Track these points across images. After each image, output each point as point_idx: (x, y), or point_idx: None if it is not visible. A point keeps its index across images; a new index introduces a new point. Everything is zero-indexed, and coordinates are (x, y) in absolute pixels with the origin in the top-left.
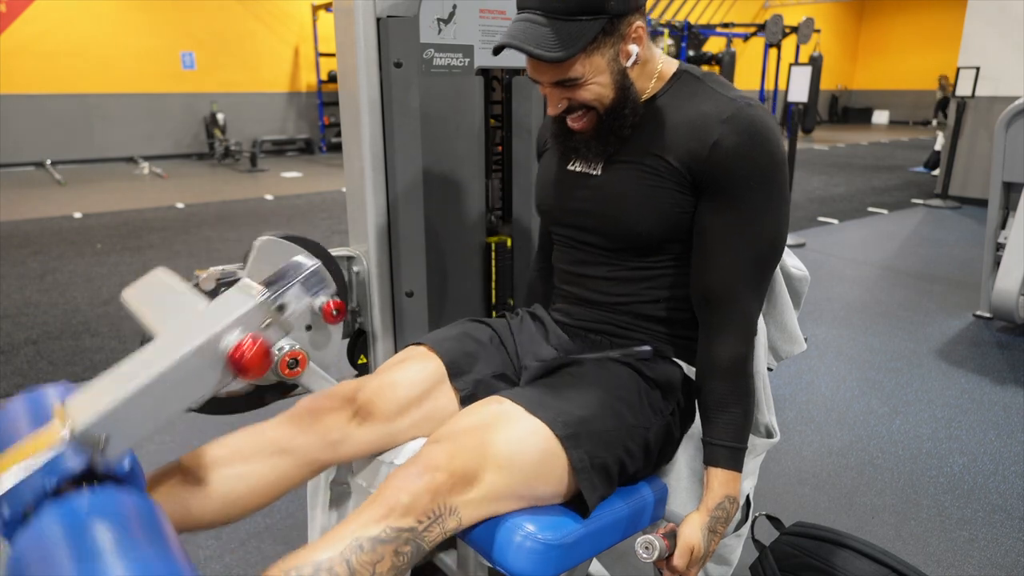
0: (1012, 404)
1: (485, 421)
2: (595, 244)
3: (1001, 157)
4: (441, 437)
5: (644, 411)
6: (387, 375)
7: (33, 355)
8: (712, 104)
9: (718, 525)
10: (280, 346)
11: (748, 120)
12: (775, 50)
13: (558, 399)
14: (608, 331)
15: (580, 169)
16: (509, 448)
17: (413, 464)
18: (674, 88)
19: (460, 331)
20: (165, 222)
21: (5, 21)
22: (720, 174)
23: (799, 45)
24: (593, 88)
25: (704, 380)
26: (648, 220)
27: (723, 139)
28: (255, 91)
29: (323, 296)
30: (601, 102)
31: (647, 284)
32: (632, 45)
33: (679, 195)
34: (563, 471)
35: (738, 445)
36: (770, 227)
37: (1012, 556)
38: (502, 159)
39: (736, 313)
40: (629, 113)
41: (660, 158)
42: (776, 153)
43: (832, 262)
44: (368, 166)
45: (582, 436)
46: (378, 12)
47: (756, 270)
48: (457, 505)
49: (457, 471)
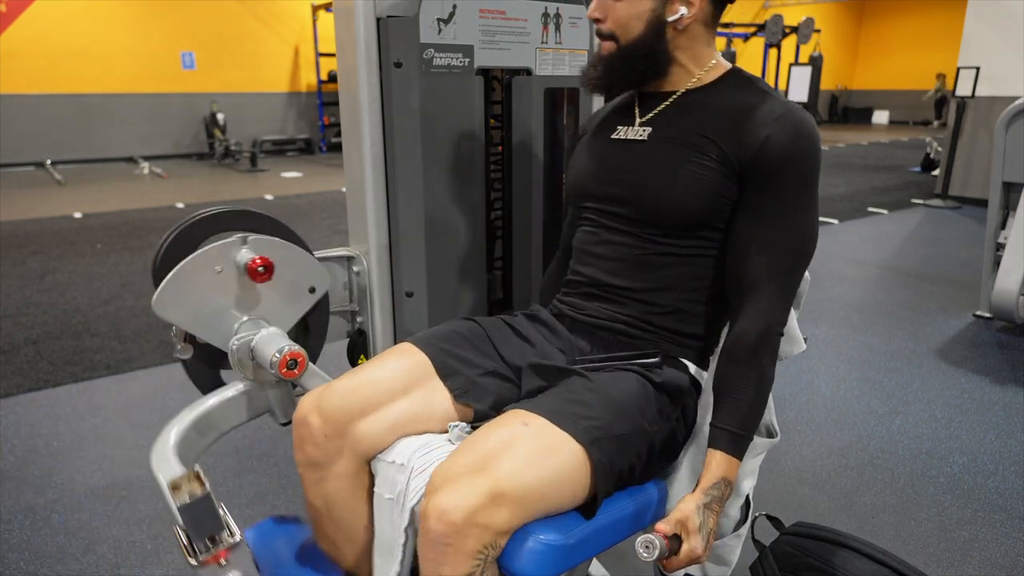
0: (1012, 404)
1: (503, 441)
2: (624, 217)
3: (1001, 157)
4: (452, 474)
5: (653, 416)
6: (358, 374)
7: (33, 355)
8: (765, 102)
9: (714, 503)
10: (279, 346)
11: (799, 121)
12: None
13: (577, 406)
14: (617, 329)
15: (625, 136)
16: (532, 467)
17: (432, 531)
18: (726, 83)
19: (447, 329)
20: (165, 222)
21: (5, 21)
22: (768, 168)
23: (799, 45)
24: (627, 8)
25: (722, 363)
26: (683, 195)
27: (774, 135)
28: (255, 91)
29: (248, 252)
30: (626, 32)
31: (667, 272)
32: (682, 6)
33: (722, 179)
34: (586, 478)
35: (741, 432)
36: (808, 225)
37: (1012, 556)
38: (502, 159)
39: (765, 304)
40: (643, 58)
41: (711, 141)
42: (817, 157)
43: (832, 262)
44: (368, 166)
45: (603, 441)
46: (378, 12)
47: (791, 265)
48: (496, 541)
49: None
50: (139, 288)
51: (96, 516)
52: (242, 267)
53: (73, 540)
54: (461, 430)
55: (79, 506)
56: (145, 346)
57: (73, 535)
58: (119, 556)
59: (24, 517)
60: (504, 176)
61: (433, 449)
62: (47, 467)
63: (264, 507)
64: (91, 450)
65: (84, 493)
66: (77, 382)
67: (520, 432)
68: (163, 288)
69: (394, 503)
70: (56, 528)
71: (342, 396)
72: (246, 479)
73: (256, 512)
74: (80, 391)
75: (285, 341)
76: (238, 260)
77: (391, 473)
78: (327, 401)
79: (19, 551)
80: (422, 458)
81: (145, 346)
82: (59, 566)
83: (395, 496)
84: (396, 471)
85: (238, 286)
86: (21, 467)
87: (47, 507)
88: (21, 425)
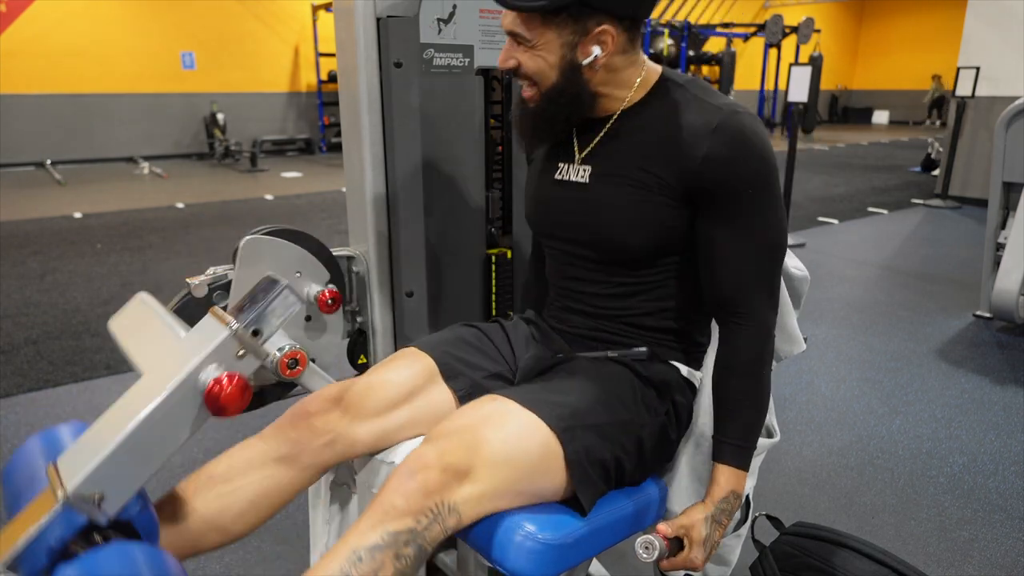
0: (1012, 404)
1: (479, 418)
2: (587, 257)
3: (1001, 157)
4: (434, 436)
5: (638, 408)
6: (375, 374)
7: (33, 355)
8: (698, 114)
9: (722, 516)
10: (280, 346)
11: (736, 128)
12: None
13: (553, 393)
14: (604, 338)
15: (567, 178)
16: (504, 444)
17: (405, 466)
18: (657, 97)
19: (452, 335)
20: (165, 222)
21: (5, 21)
22: (715, 186)
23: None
24: (538, 60)
25: (720, 379)
26: (639, 235)
27: (713, 151)
28: (255, 91)
29: (317, 286)
30: (542, 80)
31: (642, 297)
32: (594, 46)
33: (670, 209)
34: (560, 465)
35: (747, 444)
36: (773, 228)
37: (1012, 556)
38: (502, 159)
39: (751, 316)
40: (565, 106)
41: (649, 172)
42: (767, 156)
43: (832, 262)
44: (368, 166)
45: (577, 429)
46: (378, 12)
47: (766, 271)
48: (455, 502)
49: (449, 468)
50: (139, 288)
51: None
52: (313, 302)
53: None
54: None
55: None
56: None
57: None
58: None
59: None
60: (504, 176)
61: None
62: None
63: None
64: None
65: None
66: (77, 382)
67: (493, 411)
68: None
69: None
70: None
71: (366, 388)
72: None
73: None
74: (80, 391)
75: (285, 341)
76: (311, 291)
77: (386, 472)
78: (351, 393)
79: None
80: None
81: None
82: None
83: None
84: (386, 468)
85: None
86: None
87: None
88: (21, 425)
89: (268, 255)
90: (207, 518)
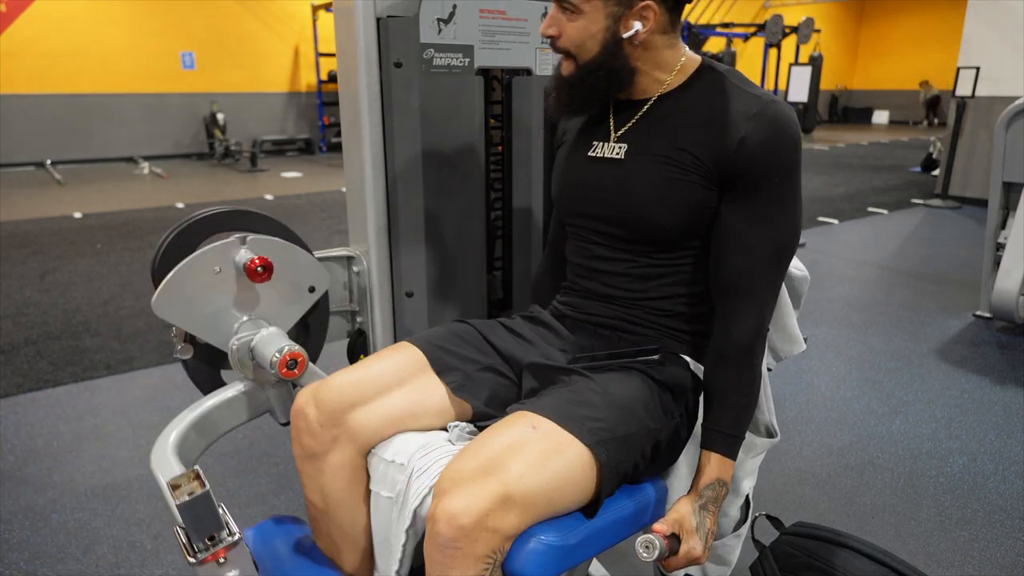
0: (1012, 404)
1: (509, 444)
2: (615, 236)
3: (1001, 157)
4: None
5: (658, 414)
6: (357, 371)
7: (33, 355)
8: (738, 100)
9: (709, 504)
10: (279, 346)
11: (773, 116)
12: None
13: (581, 407)
14: (617, 326)
15: (602, 154)
16: (541, 471)
17: (440, 535)
18: (698, 83)
19: (443, 330)
20: (165, 222)
21: (5, 21)
22: (747, 170)
23: (799, 45)
24: (580, 29)
25: (712, 366)
26: (672, 214)
27: (750, 136)
28: (255, 91)
29: (247, 252)
30: (582, 52)
31: (664, 280)
32: (636, 21)
33: (704, 190)
34: (592, 478)
35: (736, 433)
36: (790, 220)
37: (1012, 556)
38: (502, 159)
39: (752, 303)
40: (603, 79)
41: (687, 152)
42: (798, 148)
43: (832, 262)
44: (368, 166)
45: (609, 444)
46: (378, 12)
47: (775, 261)
48: (503, 546)
49: (484, 520)
50: (139, 288)
51: (96, 516)
52: (241, 267)
53: (73, 540)
54: (462, 430)
55: (79, 506)
56: (145, 346)
57: (73, 535)
58: (119, 556)
59: (24, 517)
60: (504, 176)
61: (433, 449)
62: (47, 467)
63: (264, 507)
64: (91, 450)
65: (84, 493)
66: (77, 382)
67: (527, 435)
68: (162, 289)
69: (393, 502)
70: (56, 528)
71: (338, 387)
72: (246, 479)
73: (256, 512)
74: (80, 391)
75: (285, 341)
76: (237, 260)
77: (390, 472)
78: (323, 392)
79: (19, 551)
80: (422, 459)
81: (145, 346)
82: (59, 566)
83: (395, 495)
84: (396, 470)
85: (237, 286)
86: (21, 467)
87: (47, 507)
88: (21, 425)
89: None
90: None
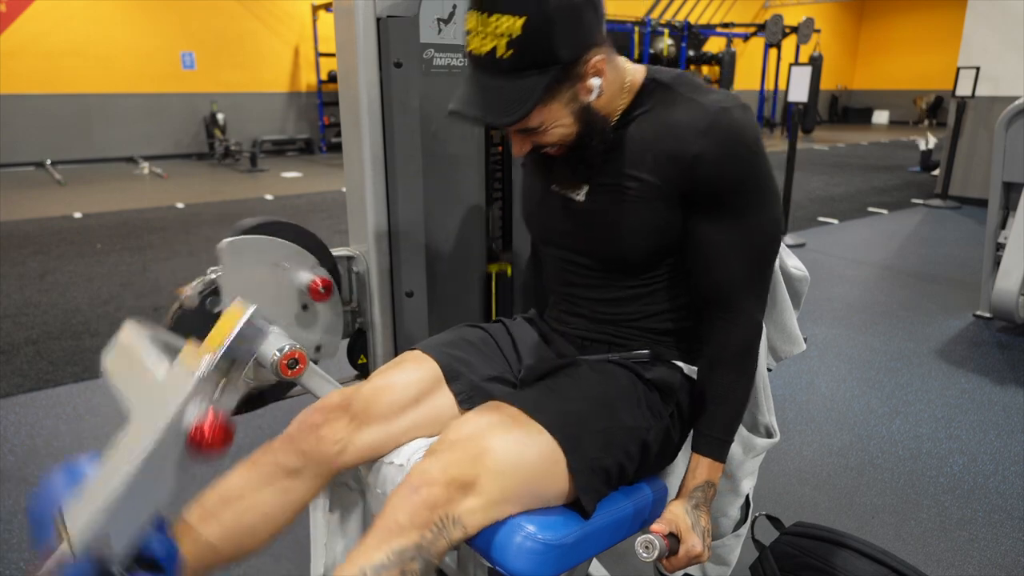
0: (1012, 404)
1: (483, 427)
2: (586, 265)
3: (1001, 157)
4: (437, 449)
5: (643, 413)
6: (381, 378)
7: (33, 355)
8: (686, 113)
9: (700, 505)
10: (280, 346)
11: (726, 127)
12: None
13: (556, 400)
14: (607, 339)
15: (563, 193)
16: (508, 453)
17: (408, 481)
18: (644, 101)
19: (455, 336)
20: (165, 222)
21: (5, 21)
22: (709, 186)
23: (799, 45)
24: (555, 132)
25: (705, 374)
26: (639, 243)
27: (704, 152)
28: (255, 91)
29: (307, 275)
30: (565, 141)
31: (643, 301)
32: (593, 79)
33: (667, 212)
34: (564, 472)
35: (727, 438)
36: (767, 223)
37: (1012, 556)
38: (502, 159)
39: (741, 312)
40: (597, 142)
41: (641, 179)
42: (759, 152)
43: (832, 262)
44: (368, 166)
45: (582, 438)
46: (378, 12)
47: (759, 267)
48: (459, 514)
49: (453, 481)
50: (139, 288)
51: None
52: (304, 288)
53: None
54: None
55: None
56: None
57: None
58: None
59: (24, 517)
60: (504, 176)
61: None
62: (47, 467)
63: None
64: (91, 450)
65: None
66: (77, 382)
67: (496, 419)
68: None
69: None
70: None
71: (373, 394)
72: None
73: None
74: (80, 391)
75: (286, 341)
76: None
77: (391, 473)
78: (358, 400)
79: (19, 551)
80: None
81: None
82: None
83: None
84: (396, 471)
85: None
86: (21, 467)
87: None
88: (21, 425)
89: (250, 254)
90: (224, 537)
